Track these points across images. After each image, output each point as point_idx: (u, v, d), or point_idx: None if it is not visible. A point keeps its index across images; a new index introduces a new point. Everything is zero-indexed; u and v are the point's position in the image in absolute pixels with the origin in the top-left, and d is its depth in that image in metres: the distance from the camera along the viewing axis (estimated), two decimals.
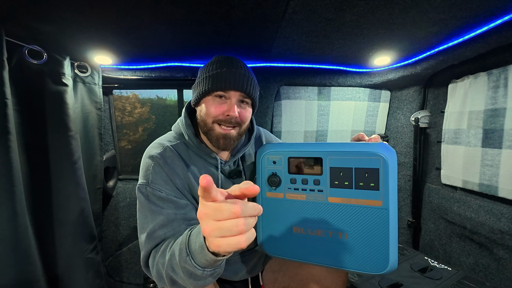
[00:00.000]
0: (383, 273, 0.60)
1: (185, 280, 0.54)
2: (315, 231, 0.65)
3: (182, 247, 0.52)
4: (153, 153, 0.71)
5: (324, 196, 0.64)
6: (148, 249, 0.64)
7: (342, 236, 0.63)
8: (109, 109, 1.48)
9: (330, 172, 0.63)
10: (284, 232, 0.68)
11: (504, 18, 0.82)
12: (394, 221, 0.59)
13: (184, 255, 0.50)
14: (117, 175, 1.53)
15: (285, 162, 0.67)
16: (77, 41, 1.01)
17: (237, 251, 0.81)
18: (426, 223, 1.43)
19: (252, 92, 0.73)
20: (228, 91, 0.70)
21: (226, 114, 0.70)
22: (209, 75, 0.71)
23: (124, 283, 1.53)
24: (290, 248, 0.68)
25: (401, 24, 0.86)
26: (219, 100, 0.71)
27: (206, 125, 0.73)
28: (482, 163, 1.09)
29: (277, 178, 0.68)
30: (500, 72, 1.01)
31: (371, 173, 0.59)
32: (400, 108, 1.53)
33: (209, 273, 0.51)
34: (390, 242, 0.59)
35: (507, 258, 1.02)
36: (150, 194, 0.68)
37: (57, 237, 1.07)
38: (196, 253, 0.48)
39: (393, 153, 0.59)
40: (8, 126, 0.84)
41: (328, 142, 0.70)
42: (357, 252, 0.62)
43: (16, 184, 0.86)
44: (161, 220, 0.65)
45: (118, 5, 0.73)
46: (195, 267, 0.49)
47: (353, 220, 0.62)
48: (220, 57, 0.75)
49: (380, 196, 0.59)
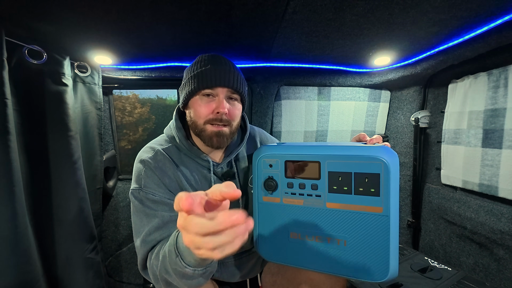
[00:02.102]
0: (383, 281, 0.58)
1: (178, 282, 0.54)
2: (313, 237, 0.63)
3: (171, 248, 0.52)
4: (144, 158, 0.71)
5: (322, 202, 0.62)
6: (145, 252, 0.64)
7: (340, 242, 0.61)
8: (109, 109, 1.48)
9: (328, 176, 0.61)
10: (281, 237, 0.66)
11: (504, 18, 0.82)
12: (395, 228, 0.57)
13: (174, 256, 0.50)
14: (117, 175, 1.53)
15: (282, 165, 0.65)
16: (77, 41, 1.01)
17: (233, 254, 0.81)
18: (426, 223, 1.43)
19: (240, 87, 0.72)
20: (215, 88, 0.69)
21: (215, 111, 0.69)
22: (194, 74, 0.70)
23: (124, 283, 1.52)
24: (287, 254, 0.67)
25: (401, 24, 0.86)
26: (207, 99, 0.70)
27: (197, 127, 0.72)
28: (482, 163, 1.09)
29: (273, 182, 0.66)
30: (500, 72, 1.01)
31: (371, 178, 0.57)
32: (400, 108, 1.53)
33: (200, 272, 0.51)
34: (391, 249, 0.57)
35: (507, 258, 1.01)
36: (143, 198, 0.67)
37: (57, 237, 1.07)
38: (185, 253, 0.49)
39: (395, 157, 0.57)
40: (8, 126, 0.84)
41: (327, 144, 0.67)
42: (356, 260, 0.60)
43: (16, 184, 0.86)
44: (156, 223, 0.65)
45: (118, 5, 0.73)
46: (185, 267, 0.49)
47: (352, 227, 0.59)
48: (204, 56, 0.74)
49: (380, 202, 0.57)
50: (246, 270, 0.84)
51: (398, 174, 0.57)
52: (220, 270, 0.80)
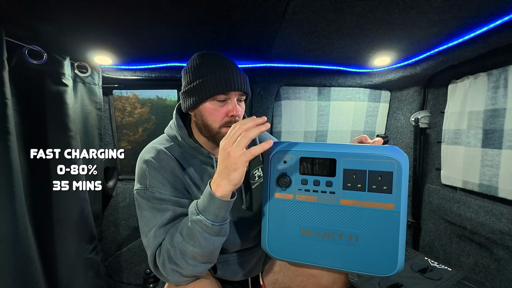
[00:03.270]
0: (392, 274, 0.60)
1: (196, 244, 0.59)
2: (325, 233, 0.64)
3: (192, 210, 0.60)
4: (147, 158, 0.70)
5: (336, 198, 0.63)
6: (158, 243, 0.65)
7: (352, 238, 0.62)
8: (109, 109, 1.48)
9: (343, 174, 0.62)
10: (293, 234, 0.67)
11: (504, 19, 0.82)
12: (403, 223, 0.60)
13: (195, 216, 0.58)
14: (117, 175, 1.53)
15: (297, 162, 0.65)
16: (77, 41, 1.01)
17: (235, 252, 0.81)
18: (426, 224, 1.43)
19: (248, 89, 0.74)
20: (229, 92, 0.70)
21: (230, 114, 0.70)
22: (204, 80, 0.69)
23: (124, 283, 1.52)
24: (298, 251, 0.67)
25: (401, 25, 0.86)
26: (220, 103, 0.70)
27: (211, 130, 0.72)
28: (482, 163, 1.09)
29: (287, 178, 0.66)
30: (500, 73, 1.01)
31: (385, 176, 0.59)
32: (400, 108, 1.53)
33: (217, 228, 0.58)
34: (400, 244, 0.59)
35: (507, 258, 1.01)
36: (150, 197, 0.67)
37: (56, 237, 1.07)
38: (205, 208, 0.58)
39: (406, 157, 0.60)
40: (8, 126, 0.84)
41: (340, 143, 0.69)
42: (367, 255, 0.61)
43: (16, 184, 0.86)
44: (169, 215, 0.66)
45: (118, 5, 0.73)
46: (205, 222, 0.57)
47: (364, 223, 0.61)
48: (205, 56, 0.73)
49: (392, 199, 0.59)
50: (248, 269, 0.84)
51: (408, 173, 0.59)
52: (222, 269, 0.80)
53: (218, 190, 0.57)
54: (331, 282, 0.75)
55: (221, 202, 0.58)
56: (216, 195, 0.57)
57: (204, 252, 0.60)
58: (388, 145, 0.64)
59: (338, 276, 0.75)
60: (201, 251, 0.59)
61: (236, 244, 0.78)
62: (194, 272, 0.64)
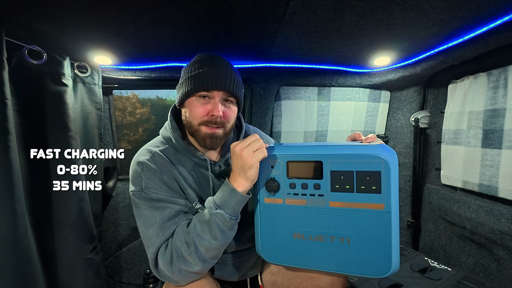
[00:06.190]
0: (386, 276, 0.60)
1: (213, 236, 0.62)
2: (317, 236, 0.64)
3: (211, 205, 0.64)
4: (142, 159, 0.71)
5: (325, 201, 0.63)
6: (160, 241, 0.65)
7: (344, 241, 0.62)
8: (109, 109, 1.48)
9: (330, 175, 0.62)
10: (284, 238, 0.67)
11: (504, 19, 0.82)
12: (396, 223, 0.58)
13: (214, 210, 0.63)
14: (117, 175, 1.53)
15: (284, 166, 0.65)
16: (77, 41, 1.01)
17: (231, 253, 0.82)
18: (426, 224, 1.43)
19: (236, 91, 0.72)
20: (211, 91, 0.69)
21: (210, 114, 0.70)
22: (191, 75, 0.70)
23: (123, 283, 1.52)
24: (291, 255, 0.67)
25: (401, 25, 0.86)
26: (203, 101, 0.70)
27: (192, 127, 0.72)
28: (482, 163, 1.09)
29: (275, 183, 0.66)
30: (500, 73, 1.01)
31: (372, 176, 0.58)
32: (400, 108, 1.53)
33: (234, 222, 0.64)
34: (393, 244, 0.58)
35: (507, 258, 1.01)
36: (147, 198, 0.68)
37: (56, 237, 1.07)
38: (225, 202, 0.63)
39: (394, 155, 0.59)
40: (8, 126, 0.84)
41: (327, 144, 0.68)
42: (360, 257, 0.61)
43: (16, 184, 0.86)
44: (168, 213, 0.67)
45: (118, 5, 0.73)
46: (225, 215, 0.62)
47: (355, 225, 0.61)
48: (202, 56, 0.74)
49: (382, 199, 0.58)
50: (245, 269, 0.84)
51: (397, 171, 0.58)
52: (220, 269, 0.80)
53: (239, 186, 0.63)
54: (329, 283, 0.75)
55: (241, 197, 0.63)
56: (239, 190, 0.62)
57: (219, 245, 0.63)
58: (376, 143, 0.63)
59: (337, 278, 0.75)
60: (217, 244, 0.63)
61: (231, 244, 0.79)
62: (201, 269, 0.65)
